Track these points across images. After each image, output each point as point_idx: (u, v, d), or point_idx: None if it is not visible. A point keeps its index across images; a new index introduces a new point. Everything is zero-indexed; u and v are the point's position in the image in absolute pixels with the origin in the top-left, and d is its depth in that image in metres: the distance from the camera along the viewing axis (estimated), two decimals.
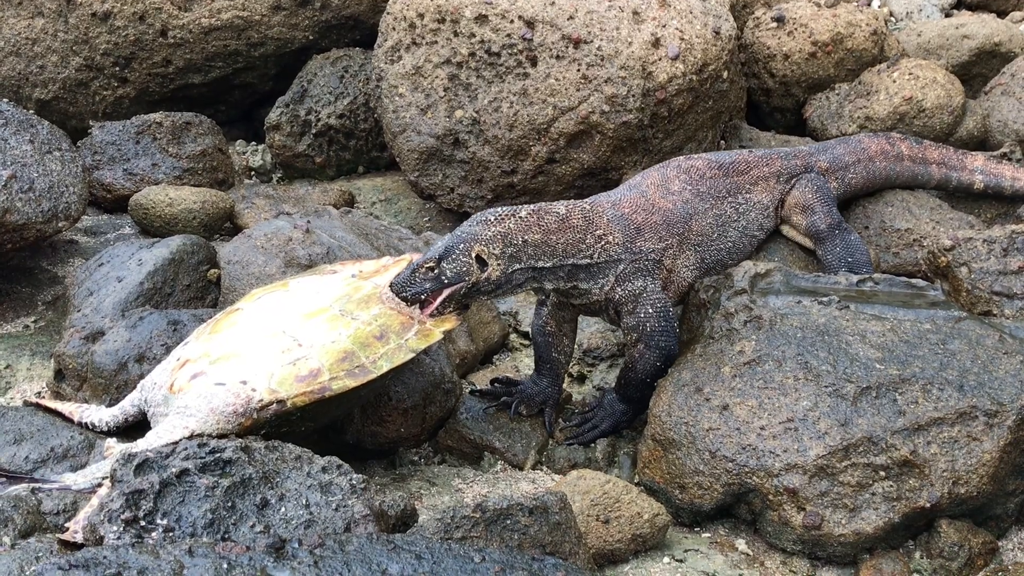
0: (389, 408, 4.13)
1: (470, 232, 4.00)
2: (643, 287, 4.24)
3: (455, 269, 3.94)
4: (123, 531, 3.06)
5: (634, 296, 4.22)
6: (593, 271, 4.19)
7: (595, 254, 4.17)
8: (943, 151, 5.62)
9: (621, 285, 4.23)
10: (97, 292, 4.73)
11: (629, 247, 4.25)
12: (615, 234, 4.22)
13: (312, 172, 6.59)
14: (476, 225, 4.02)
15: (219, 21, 6.51)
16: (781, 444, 3.83)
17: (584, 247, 4.15)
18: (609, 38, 5.47)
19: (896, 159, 5.49)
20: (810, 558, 3.84)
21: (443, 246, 3.97)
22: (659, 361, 4.21)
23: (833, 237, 5.00)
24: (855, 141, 5.47)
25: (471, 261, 3.95)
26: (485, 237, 3.98)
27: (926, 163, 5.56)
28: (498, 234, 4.00)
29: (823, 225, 5.00)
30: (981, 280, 4.58)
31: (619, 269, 4.22)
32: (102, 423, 3.93)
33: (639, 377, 4.26)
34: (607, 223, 4.23)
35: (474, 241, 3.97)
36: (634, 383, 4.29)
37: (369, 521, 3.19)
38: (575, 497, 3.71)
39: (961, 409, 3.83)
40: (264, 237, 4.86)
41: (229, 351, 3.77)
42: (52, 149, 5.28)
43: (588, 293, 4.23)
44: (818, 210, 5.01)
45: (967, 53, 6.74)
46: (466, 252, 3.95)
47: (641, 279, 4.25)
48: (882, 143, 5.49)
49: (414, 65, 5.75)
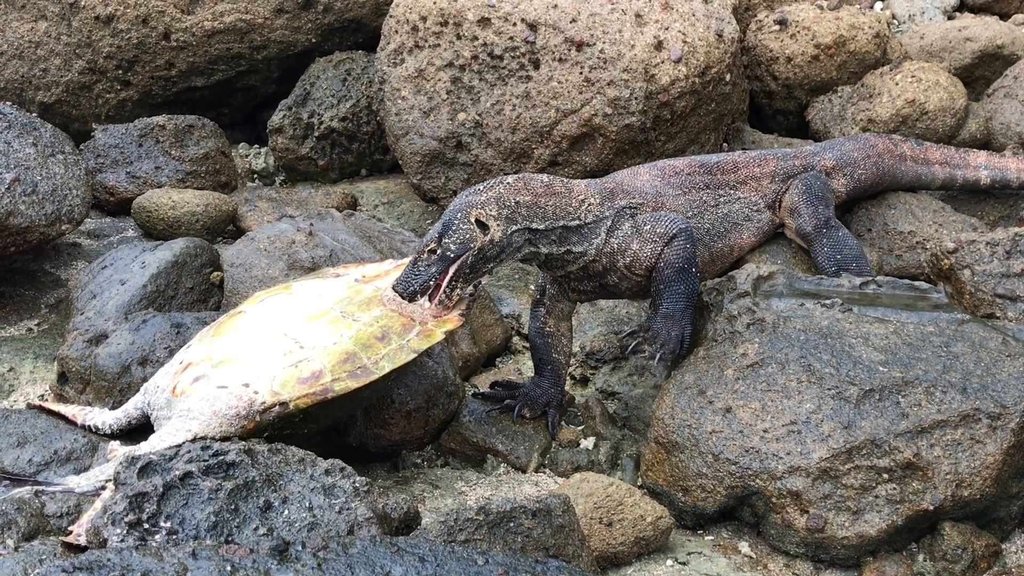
0: (392, 411, 4.13)
1: (463, 203, 4.06)
2: (631, 225, 4.37)
3: (458, 240, 3.98)
4: (127, 534, 3.06)
5: (631, 233, 4.34)
6: (584, 232, 4.27)
7: (581, 215, 4.27)
8: (944, 151, 5.61)
9: (613, 236, 4.33)
10: (100, 295, 4.74)
11: (608, 204, 4.37)
12: (593, 197, 4.34)
13: (315, 175, 6.59)
14: (466, 196, 4.09)
15: (222, 24, 6.52)
16: (784, 447, 3.83)
17: (571, 209, 4.24)
18: (612, 41, 5.48)
19: (900, 159, 5.49)
20: (813, 561, 3.84)
21: (438, 227, 4.02)
22: (687, 243, 4.30)
23: (820, 237, 4.98)
24: (862, 139, 5.48)
25: (472, 227, 4.00)
26: (479, 202, 4.05)
27: (928, 163, 5.56)
28: (491, 198, 4.07)
29: (809, 227, 5.00)
30: (984, 282, 4.58)
31: (608, 224, 4.33)
32: (105, 426, 3.93)
33: (678, 267, 4.27)
34: (584, 188, 4.36)
35: (470, 207, 4.03)
36: (677, 276, 4.27)
37: (372, 524, 3.19)
38: (578, 500, 3.71)
39: (964, 412, 3.82)
40: (267, 240, 4.86)
41: (232, 354, 3.77)
42: (55, 152, 5.28)
43: (584, 255, 4.29)
44: (803, 212, 5.01)
45: (970, 56, 6.74)
46: (465, 219, 4.00)
47: (628, 222, 4.38)
48: (886, 143, 5.50)
49: (417, 68, 5.75)
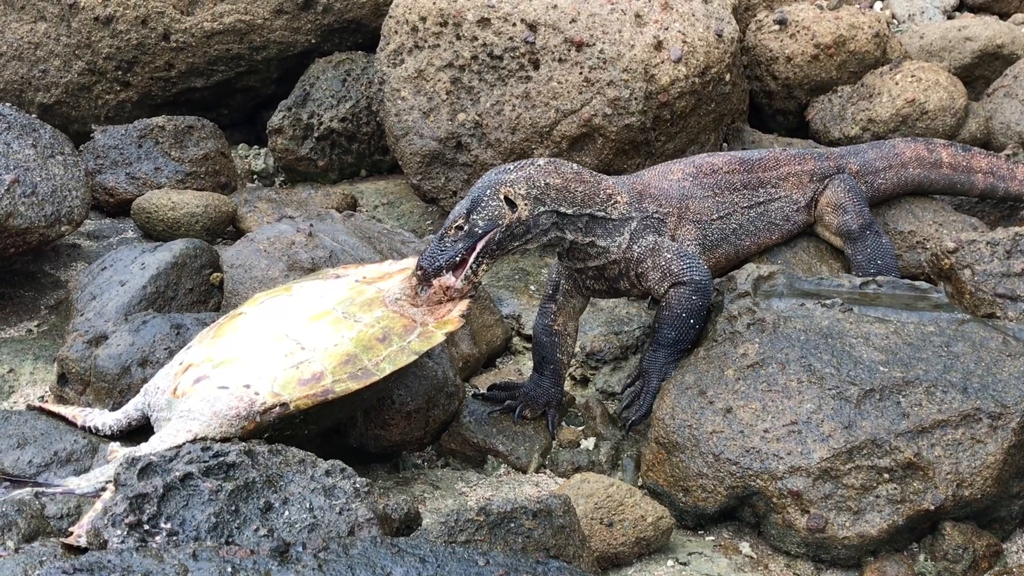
0: (392, 411, 4.12)
1: (493, 179, 4.07)
2: (655, 240, 4.36)
3: (487, 215, 3.99)
4: (127, 535, 3.06)
5: (650, 250, 4.33)
6: (609, 228, 4.28)
7: (608, 210, 4.28)
8: (992, 160, 5.50)
9: (636, 242, 4.33)
10: (100, 296, 4.73)
11: (636, 206, 4.38)
12: (622, 195, 4.35)
13: (314, 175, 6.59)
14: (497, 174, 4.10)
15: (221, 25, 6.52)
16: (785, 447, 3.83)
17: (599, 200, 4.26)
18: (611, 41, 5.47)
19: (933, 166, 5.41)
20: (814, 561, 3.83)
21: (467, 202, 4.02)
22: (694, 295, 4.26)
23: (864, 238, 5.05)
24: (888, 146, 5.41)
25: (501, 203, 4.02)
26: (509, 180, 4.06)
27: (970, 172, 5.46)
28: (521, 177, 4.09)
29: (855, 225, 5.04)
30: (984, 282, 4.58)
31: (632, 226, 4.33)
32: (105, 427, 3.93)
33: (675, 314, 4.27)
34: (613, 185, 4.37)
35: (500, 184, 4.04)
36: (668, 322, 4.29)
37: (373, 524, 3.18)
38: (579, 500, 3.71)
39: (965, 411, 3.82)
40: (267, 241, 4.86)
41: (232, 355, 3.77)
42: (55, 153, 5.28)
43: (607, 252, 4.29)
44: (850, 209, 5.06)
45: (969, 55, 6.74)
46: (495, 196, 4.02)
47: (652, 235, 4.38)
48: (919, 149, 5.41)
49: (416, 68, 5.75)
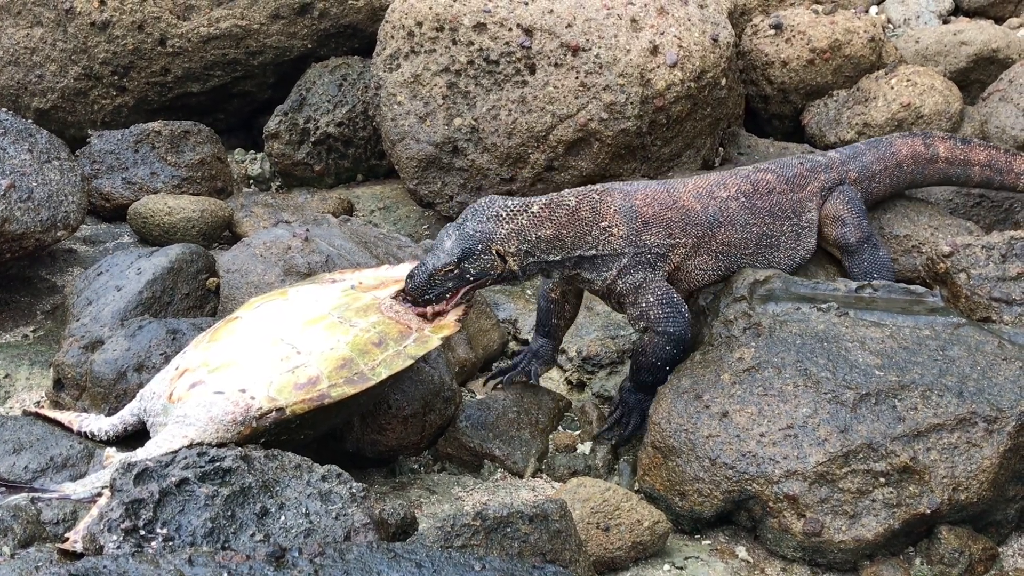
0: (389, 416, 4.12)
1: (484, 231, 4.00)
2: (643, 278, 4.25)
3: (479, 267, 3.99)
4: (123, 540, 3.05)
5: (635, 287, 4.24)
6: (597, 263, 4.21)
7: (599, 246, 4.19)
8: (990, 153, 5.45)
9: (622, 278, 4.24)
10: (96, 301, 4.73)
11: (633, 240, 4.24)
12: (620, 227, 4.21)
13: (311, 180, 6.60)
14: (488, 223, 4.02)
15: (218, 30, 6.52)
16: (781, 451, 3.83)
17: (590, 239, 4.17)
18: (607, 46, 5.48)
19: (928, 162, 5.37)
20: (810, 565, 3.83)
21: (457, 248, 3.96)
22: (668, 345, 4.22)
23: (862, 251, 4.99)
24: (885, 145, 5.32)
25: (493, 257, 4.01)
26: (501, 236, 4.01)
27: (968, 165, 5.42)
28: (512, 232, 4.03)
29: (853, 239, 4.99)
30: (980, 286, 4.58)
31: (622, 263, 4.23)
32: (101, 432, 3.92)
33: (649, 361, 4.27)
34: (614, 214, 4.22)
35: (490, 241, 4.00)
36: (644, 367, 4.30)
37: (369, 530, 3.18)
38: (575, 505, 3.71)
39: (961, 415, 3.82)
40: (263, 245, 4.85)
41: (228, 360, 3.76)
42: (51, 158, 5.28)
43: (591, 283, 4.27)
44: (849, 222, 4.99)
45: (965, 59, 6.75)
46: (487, 251, 4.00)
47: (642, 271, 4.26)
48: (915, 145, 5.36)
49: (413, 73, 5.76)
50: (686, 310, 4.27)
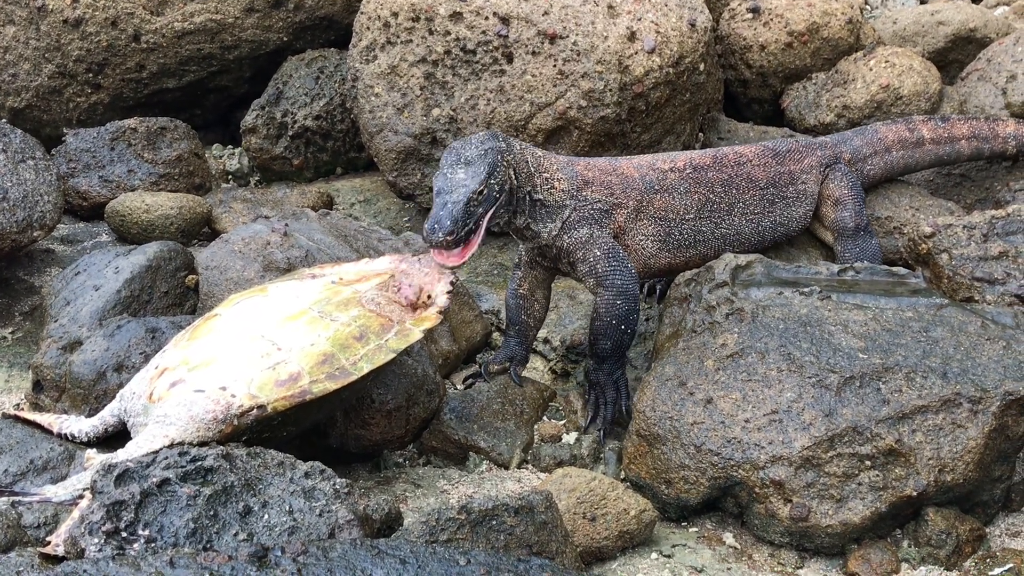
0: (372, 411, 4.10)
1: (493, 147, 4.12)
2: (589, 234, 4.35)
3: (499, 182, 4.10)
4: (104, 543, 3.02)
5: (582, 243, 4.33)
6: (543, 212, 4.31)
7: (544, 193, 4.31)
8: (972, 124, 5.51)
9: (568, 233, 4.34)
10: (74, 301, 4.69)
11: (574, 195, 4.37)
12: (561, 181, 4.36)
13: (290, 174, 6.55)
14: (488, 141, 4.14)
15: (192, 25, 6.46)
16: (766, 436, 3.82)
17: (538, 182, 4.30)
18: (584, 33, 5.45)
19: (915, 146, 5.42)
20: (798, 550, 3.83)
21: (482, 169, 4.04)
22: (618, 299, 4.26)
23: (857, 237, 5.03)
24: (871, 132, 5.41)
25: (507, 168, 4.14)
26: (505, 148, 4.15)
27: (953, 141, 5.48)
28: (508, 147, 4.17)
29: (851, 223, 5.02)
30: (962, 266, 4.58)
31: (565, 215, 4.33)
32: (82, 434, 3.88)
33: (604, 322, 4.29)
34: (556, 170, 4.38)
35: (502, 153, 4.13)
36: (600, 332, 4.31)
37: (353, 526, 3.16)
38: (561, 495, 3.69)
39: (945, 396, 3.82)
40: (242, 241, 4.82)
41: (208, 357, 3.73)
42: (26, 158, 5.22)
43: (539, 236, 4.34)
44: (850, 207, 5.03)
45: (943, 39, 6.75)
46: (502, 162, 4.11)
47: (587, 227, 4.36)
48: (900, 130, 5.42)
49: (389, 64, 5.72)
50: (632, 267, 4.36)
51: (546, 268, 4.57)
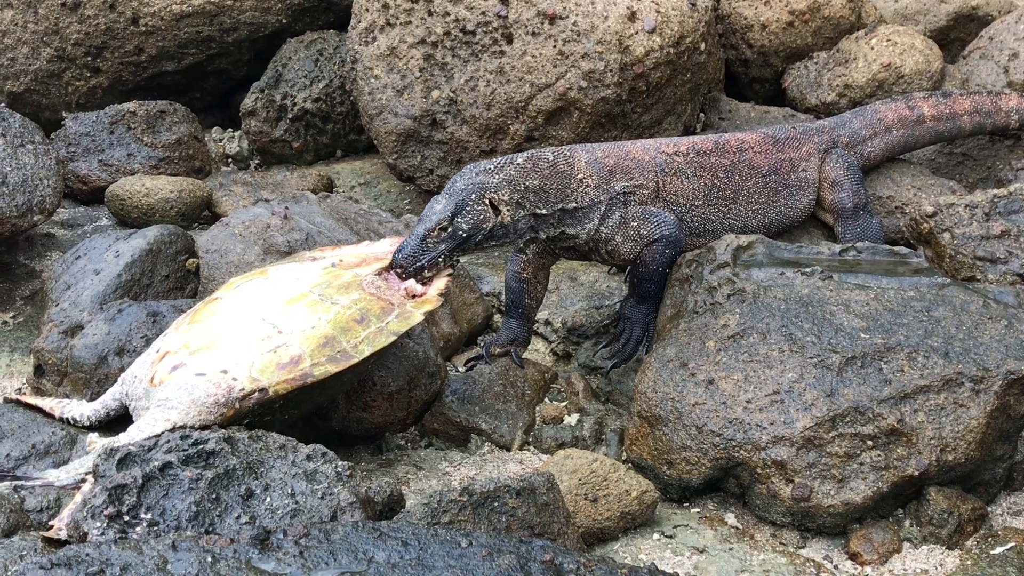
0: (374, 393, 4.10)
1: (476, 183, 4.05)
2: (621, 215, 4.38)
3: (472, 220, 4.01)
4: (107, 527, 3.03)
5: (619, 225, 4.36)
6: (578, 215, 4.29)
7: (578, 198, 4.28)
8: (975, 98, 5.49)
9: (604, 223, 4.35)
10: (75, 285, 4.68)
11: (604, 188, 4.36)
12: (592, 177, 4.33)
13: (290, 157, 6.54)
14: (478, 175, 4.08)
15: (190, 7, 6.44)
16: (768, 417, 3.82)
17: (570, 191, 4.26)
18: (585, 13, 5.43)
19: (916, 123, 5.41)
20: (800, 530, 3.83)
21: (451, 203, 4.00)
22: (667, 249, 4.34)
23: (856, 217, 5.04)
24: (870, 112, 5.40)
25: (487, 208, 4.04)
26: (493, 184, 4.06)
27: (955, 117, 5.46)
28: (504, 180, 4.09)
29: (849, 204, 5.04)
30: (964, 245, 4.57)
31: (601, 210, 4.34)
32: (84, 418, 3.89)
33: (651, 270, 4.36)
34: (585, 166, 4.34)
35: (484, 189, 4.04)
36: (646, 277, 4.38)
37: (355, 508, 3.16)
38: (563, 477, 3.70)
39: (947, 376, 3.81)
40: (242, 225, 4.81)
41: (209, 341, 3.73)
42: (25, 142, 5.21)
43: (575, 237, 4.33)
44: (847, 187, 5.05)
45: (944, 18, 6.72)
46: (480, 201, 4.02)
47: (619, 211, 4.38)
48: (900, 109, 5.41)
49: (389, 46, 5.69)
50: (669, 215, 4.41)
51: (557, 256, 4.57)
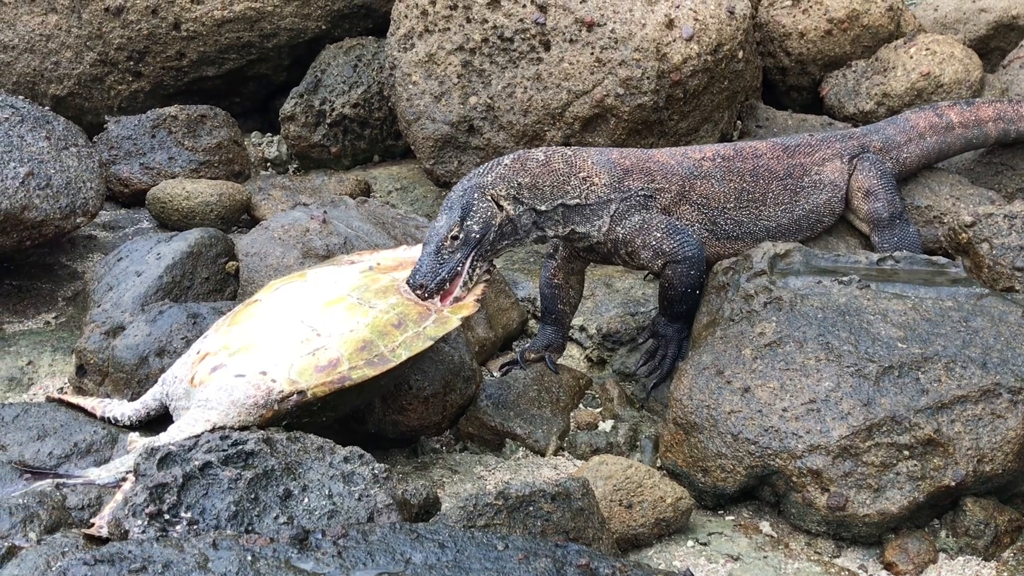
0: (409, 396, 4.12)
1: (474, 184, 4.11)
2: (642, 219, 4.35)
3: (481, 219, 4.04)
4: (147, 525, 3.07)
5: (638, 230, 4.33)
6: (586, 213, 4.29)
7: (583, 195, 4.28)
8: (997, 106, 5.48)
9: (619, 224, 4.33)
10: (116, 287, 4.74)
11: (617, 187, 4.35)
12: (600, 176, 4.32)
13: (327, 162, 6.59)
14: (474, 179, 4.13)
15: (231, 13, 6.51)
16: (804, 425, 3.81)
17: (570, 188, 4.26)
18: (622, 20, 5.44)
19: (946, 130, 5.39)
20: (835, 539, 3.82)
21: (455, 211, 4.04)
22: (691, 270, 4.31)
23: (893, 226, 4.99)
24: (902, 120, 5.38)
25: (491, 204, 4.08)
26: (489, 182, 4.12)
27: (980, 124, 5.44)
28: (497, 177, 4.14)
29: (885, 213, 4.98)
30: (1003, 256, 4.54)
31: (612, 209, 4.32)
32: (124, 417, 3.94)
33: (679, 292, 4.35)
34: (591, 166, 4.34)
35: (483, 188, 4.10)
36: (676, 299, 4.37)
37: (392, 510, 3.19)
38: (597, 482, 3.71)
39: (984, 387, 3.79)
40: (281, 228, 4.85)
41: (248, 343, 3.77)
42: (68, 145, 5.29)
43: (588, 236, 4.33)
44: (882, 197, 4.99)
45: (984, 27, 6.68)
46: (483, 199, 4.07)
47: (638, 214, 4.36)
48: (929, 117, 5.39)
49: (427, 52, 5.73)
50: (692, 233, 4.39)
51: (584, 259, 4.58)
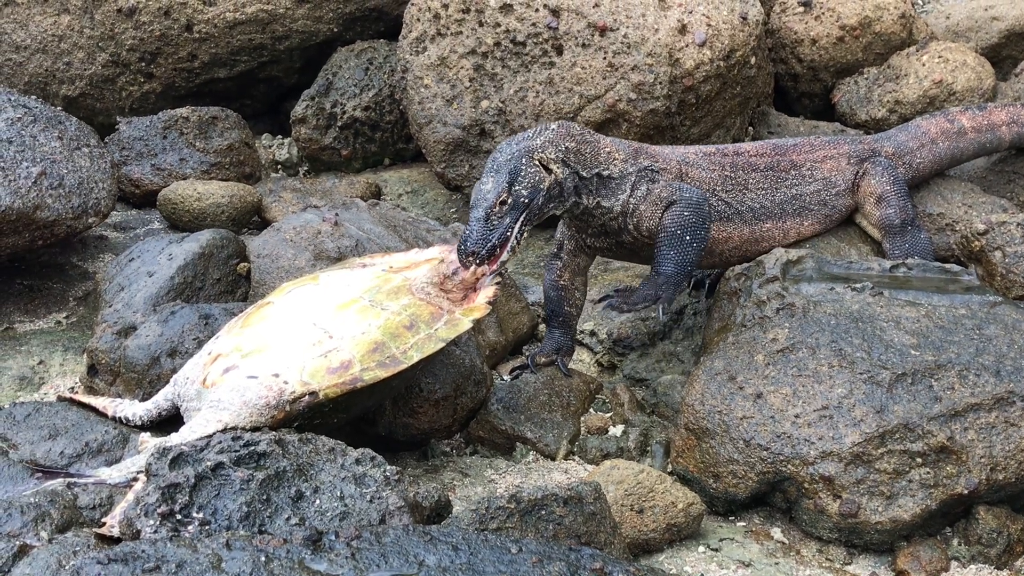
0: (420, 399, 4.12)
1: (522, 148, 4.13)
2: (648, 185, 4.43)
3: (530, 183, 4.06)
4: (159, 525, 3.06)
5: (646, 193, 4.41)
6: (611, 185, 4.37)
7: (610, 165, 4.37)
8: (1010, 110, 5.46)
9: (634, 193, 4.40)
10: (128, 287, 4.75)
11: (632, 162, 4.44)
12: (618, 152, 4.43)
13: (338, 165, 6.59)
14: (519, 143, 4.16)
15: (243, 15, 6.52)
16: (816, 432, 3.80)
17: (602, 158, 4.35)
18: (635, 25, 5.44)
19: (958, 135, 5.37)
20: (846, 546, 3.81)
21: (503, 176, 4.05)
22: (686, 211, 4.36)
23: (904, 233, 4.97)
24: (913, 126, 5.37)
25: (539, 169, 4.11)
26: (537, 145, 4.16)
27: (994, 128, 5.43)
28: (547, 141, 4.19)
29: (897, 220, 4.96)
30: (1016, 264, 4.53)
31: (631, 181, 4.40)
32: (136, 417, 3.94)
33: (670, 232, 4.36)
34: (610, 143, 4.45)
35: (531, 152, 4.12)
36: (667, 242, 4.36)
37: (404, 513, 3.18)
38: (609, 487, 3.70)
39: (998, 395, 3.79)
40: (293, 230, 4.86)
41: (260, 344, 3.77)
42: (80, 145, 5.29)
43: (611, 211, 4.39)
44: (894, 203, 4.98)
45: (996, 35, 6.67)
46: (531, 163, 4.09)
47: (645, 184, 4.44)
48: (941, 123, 5.37)
49: (439, 56, 5.73)
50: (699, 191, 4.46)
51: (589, 254, 4.59)
